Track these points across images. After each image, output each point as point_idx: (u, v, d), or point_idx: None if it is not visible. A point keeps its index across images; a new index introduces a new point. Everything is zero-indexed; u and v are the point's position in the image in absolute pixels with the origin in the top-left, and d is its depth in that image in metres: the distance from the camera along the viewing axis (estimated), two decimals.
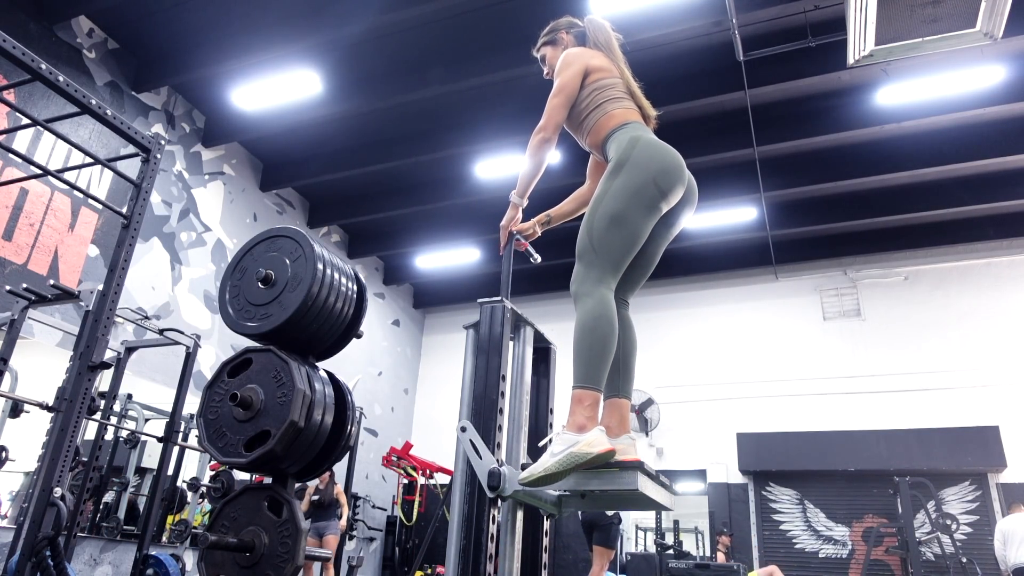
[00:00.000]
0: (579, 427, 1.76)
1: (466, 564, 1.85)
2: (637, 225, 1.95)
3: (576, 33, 2.46)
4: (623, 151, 2.02)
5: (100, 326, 2.48)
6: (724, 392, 9.38)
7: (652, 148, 2.02)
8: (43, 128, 2.50)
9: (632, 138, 2.05)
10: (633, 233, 1.95)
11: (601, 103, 2.20)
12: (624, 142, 2.05)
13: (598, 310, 1.86)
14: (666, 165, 2.00)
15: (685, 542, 8.79)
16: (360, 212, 8.85)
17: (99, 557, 5.77)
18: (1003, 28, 3.50)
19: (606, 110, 2.19)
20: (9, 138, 5.28)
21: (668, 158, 2.02)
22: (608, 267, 1.92)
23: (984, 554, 7.69)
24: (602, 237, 1.93)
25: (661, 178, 1.97)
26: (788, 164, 7.60)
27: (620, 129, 2.13)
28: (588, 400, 1.80)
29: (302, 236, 2.12)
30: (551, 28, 2.50)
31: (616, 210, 1.94)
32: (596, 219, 1.96)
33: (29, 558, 2.25)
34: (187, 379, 4.82)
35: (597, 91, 2.21)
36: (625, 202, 1.94)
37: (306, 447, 1.99)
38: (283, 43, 5.95)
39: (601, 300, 1.88)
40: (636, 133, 2.07)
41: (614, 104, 2.19)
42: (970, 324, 8.67)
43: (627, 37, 6.41)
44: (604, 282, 1.91)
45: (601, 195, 1.99)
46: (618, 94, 2.23)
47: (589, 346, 1.83)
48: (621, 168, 1.99)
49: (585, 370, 1.82)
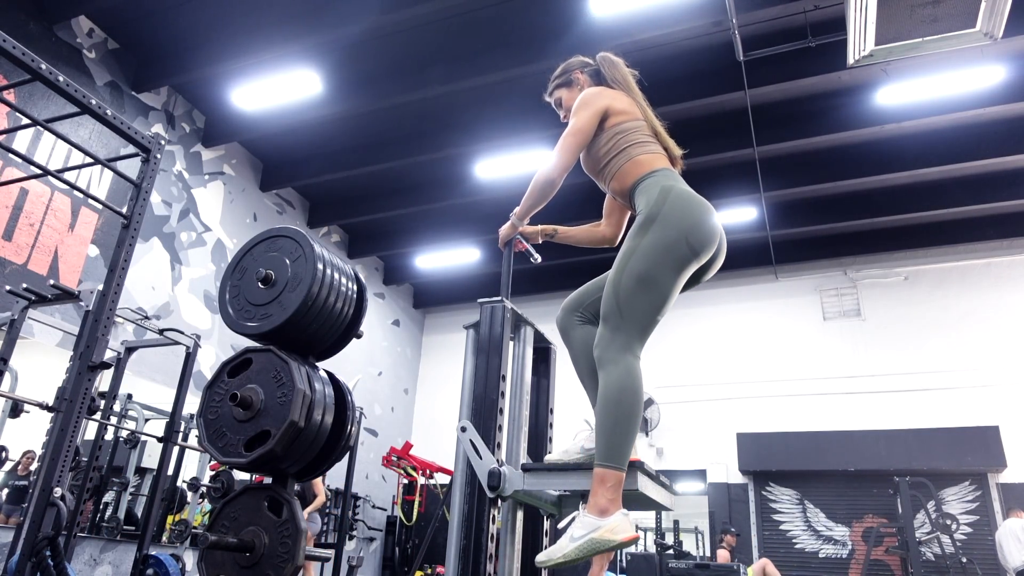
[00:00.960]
0: (601, 510, 1.65)
1: (466, 564, 1.85)
2: (667, 287, 1.84)
3: (590, 72, 2.34)
4: (653, 204, 1.91)
5: (100, 326, 2.48)
6: (724, 392, 9.37)
7: (683, 202, 1.91)
8: (43, 128, 2.50)
9: (663, 189, 1.94)
10: (662, 295, 1.84)
11: (625, 147, 2.08)
12: (654, 194, 1.93)
13: (624, 381, 1.75)
14: (698, 220, 1.89)
15: (685, 542, 8.78)
16: (360, 212, 8.85)
17: (99, 557, 5.77)
18: (1003, 28, 3.50)
19: (631, 155, 2.07)
20: (9, 138, 5.28)
21: (700, 212, 1.90)
22: (635, 332, 1.82)
23: (984, 554, 7.69)
24: (629, 300, 1.82)
25: (693, 235, 1.86)
26: (788, 164, 7.60)
27: (649, 177, 2.02)
28: (611, 480, 1.68)
29: (302, 236, 2.12)
30: (563, 70, 2.38)
31: (645, 271, 1.83)
32: (624, 279, 1.84)
33: (29, 558, 2.25)
34: (187, 379, 4.82)
35: (620, 135, 2.10)
36: (654, 262, 1.83)
37: (306, 447, 1.99)
38: (283, 43, 5.95)
39: (627, 371, 1.77)
40: (667, 183, 1.96)
41: (640, 148, 2.08)
42: (970, 324, 8.67)
43: (627, 37, 6.40)
44: (630, 349, 1.80)
45: (629, 253, 1.87)
46: (643, 137, 2.11)
47: (615, 422, 1.72)
48: (651, 224, 1.88)
49: (608, 448, 1.71)
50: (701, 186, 2.21)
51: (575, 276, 9.60)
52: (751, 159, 7.27)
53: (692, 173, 2.21)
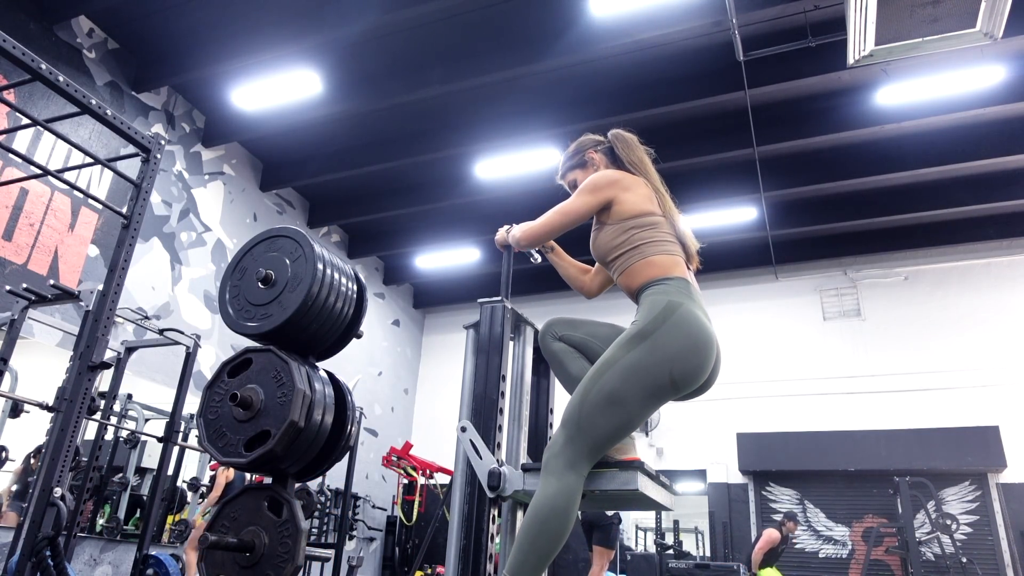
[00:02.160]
0: None
1: (466, 564, 1.85)
2: (634, 412, 1.74)
3: (604, 151, 2.21)
4: (652, 320, 1.78)
5: (100, 326, 2.48)
6: (724, 392, 9.33)
7: (684, 326, 1.77)
8: (43, 128, 2.50)
9: (669, 305, 1.79)
10: (627, 419, 1.73)
11: (640, 245, 1.94)
12: (658, 309, 1.79)
13: (556, 501, 1.66)
14: (690, 349, 1.75)
15: (685, 542, 8.78)
16: (360, 212, 8.85)
17: (99, 557, 5.77)
18: (1003, 28, 3.50)
19: (646, 254, 1.93)
20: (9, 138, 5.28)
21: (694, 344, 1.76)
22: (586, 449, 1.72)
23: (984, 554, 7.69)
24: (592, 413, 1.72)
25: (679, 368, 1.73)
26: (788, 164, 7.60)
27: (660, 284, 1.87)
28: None
29: (302, 236, 2.12)
30: (575, 150, 2.25)
31: (617, 390, 1.72)
32: (594, 392, 1.74)
33: (29, 558, 2.25)
34: (187, 379, 4.82)
35: (636, 229, 1.95)
36: (629, 384, 1.72)
37: (306, 447, 1.99)
38: (283, 43, 5.95)
39: (565, 490, 1.68)
40: (676, 298, 1.81)
41: (656, 248, 1.93)
42: (970, 324, 8.67)
43: (627, 37, 6.40)
44: (576, 467, 1.71)
45: (608, 364, 1.77)
46: (661, 236, 1.96)
47: (533, 539, 1.65)
48: (641, 341, 1.76)
49: (521, 564, 1.64)
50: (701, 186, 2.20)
51: None
52: (751, 159, 7.27)
53: (692, 173, 2.21)
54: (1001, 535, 7.77)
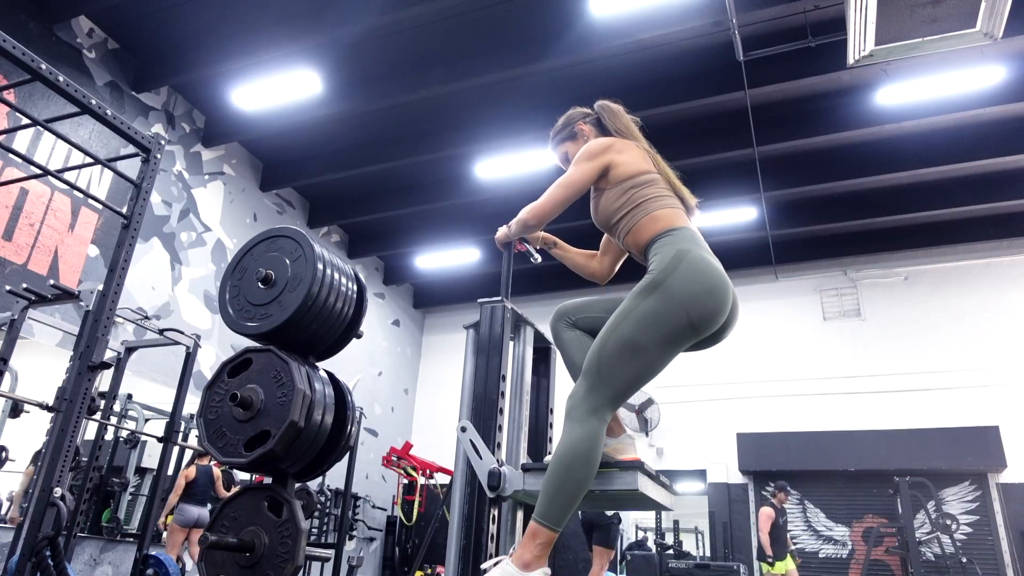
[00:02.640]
0: (524, 564, 1.64)
1: (466, 564, 1.85)
2: (653, 358, 1.76)
3: (592, 122, 2.24)
4: (664, 268, 1.79)
5: (100, 326, 2.48)
6: (724, 392, 9.37)
7: (695, 270, 1.78)
8: (43, 128, 2.50)
9: (678, 253, 1.82)
10: (647, 366, 1.76)
11: (641, 202, 1.97)
12: (668, 256, 1.82)
13: (581, 446, 1.70)
14: (705, 291, 1.76)
15: (685, 542, 8.79)
16: (360, 212, 8.85)
17: (99, 557, 5.77)
18: (1003, 28, 3.50)
19: (648, 211, 1.96)
20: (9, 138, 5.28)
21: (710, 283, 1.77)
22: (608, 397, 1.76)
23: (984, 554, 7.69)
24: (612, 362, 1.75)
25: (695, 308, 1.74)
26: (788, 164, 7.60)
27: (666, 236, 1.90)
28: (542, 538, 1.66)
29: (302, 236, 2.12)
30: (564, 123, 2.28)
31: (634, 337, 1.74)
32: (612, 340, 1.76)
33: (29, 558, 2.25)
34: (187, 379, 4.82)
35: (635, 188, 1.99)
36: (646, 331, 1.74)
37: (306, 447, 1.99)
38: (283, 43, 5.95)
39: (588, 435, 1.72)
40: (684, 246, 1.84)
41: (657, 204, 1.97)
42: (970, 324, 8.67)
43: (627, 37, 6.40)
44: (598, 413, 1.74)
45: (625, 313, 1.78)
46: (660, 191, 2.00)
47: (560, 484, 1.69)
48: (655, 289, 1.77)
49: (549, 506, 1.67)
50: (701, 186, 2.20)
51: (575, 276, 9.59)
52: (751, 159, 7.27)
53: (692, 173, 2.20)
54: (1001, 535, 7.77)
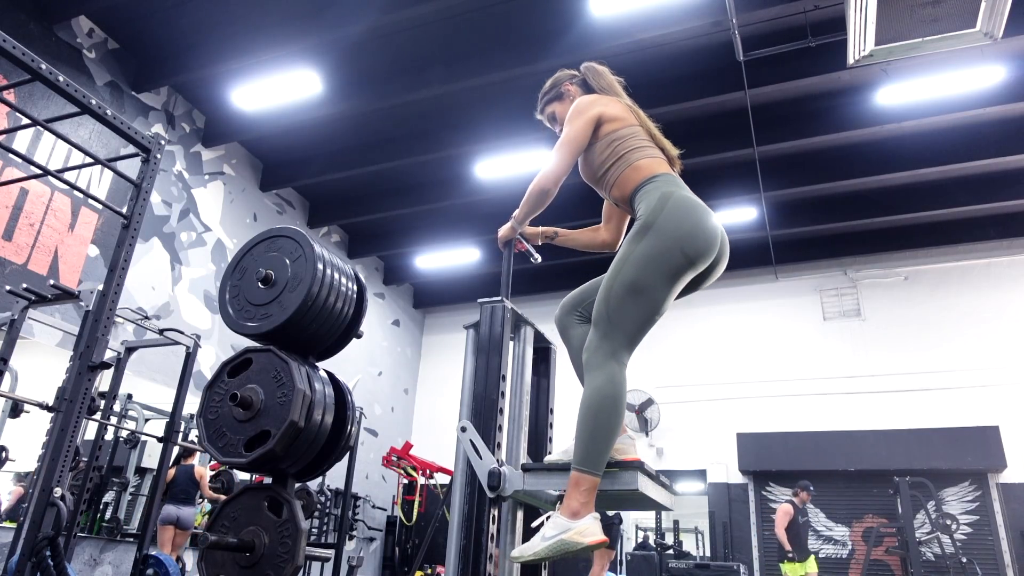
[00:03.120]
0: (573, 513, 1.69)
1: (466, 564, 1.85)
2: (658, 296, 1.83)
3: (578, 83, 2.35)
4: (652, 211, 1.89)
5: (100, 326, 2.48)
6: (724, 392, 9.37)
7: (682, 209, 1.88)
8: (43, 128, 2.50)
9: (663, 195, 1.91)
10: (654, 304, 1.83)
11: (624, 153, 2.06)
12: (654, 200, 1.91)
13: (606, 389, 1.77)
14: (695, 228, 1.86)
15: (685, 542, 8.78)
16: (360, 212, 8.85)
17: (99, 557, 5.77)
18: (1003, 28, 3.50)
19: (630, 161, 2.05)
20: (9, 138, 5.28)
21: (698, 219, 1.88)
22: (622, 340, 1.82)
23: (984, 554, 7.69)
24: (619, 307, 1.82)
25: (689, 244, 1.84)
26: (788, 164, 7.60)
27: (649, 183, 1.99)
28: (585, 484, 1.71)
29: (302, 236, 2.12)
30: (551, 84, 2.39)
31: (636, 279, 1.82)
32: (616, 286, 1.84)
33: (29, 558, 2.25)
34: (187, 379, 4.82)
35: (618, 141, 2.08)
36: (646, 270, 1.82)
37: (306, 447, 1.99)
38: (283, 43, 5.95)
39: (610, 378, 1.78)
40: (667, 189, 1.94)
41: (638, 154, 2.06)
42: (970, 324, 8.67)
43: (627, 37, 6.39)
44: (616, 357, 1.81)
45: (623, 260, 1.87)
46: (640, 142, 2.09)
47: (593, 428, 1.74)
48: (647, 232, 1.86)
49: (585, 452, 1.73)
50: (701, 186, 2.21)
51: (575, 276, 9.60)
52: (751, 159, 7.27)
53: (692, 173, 2.21)
54: (1001, 535, 7.77)
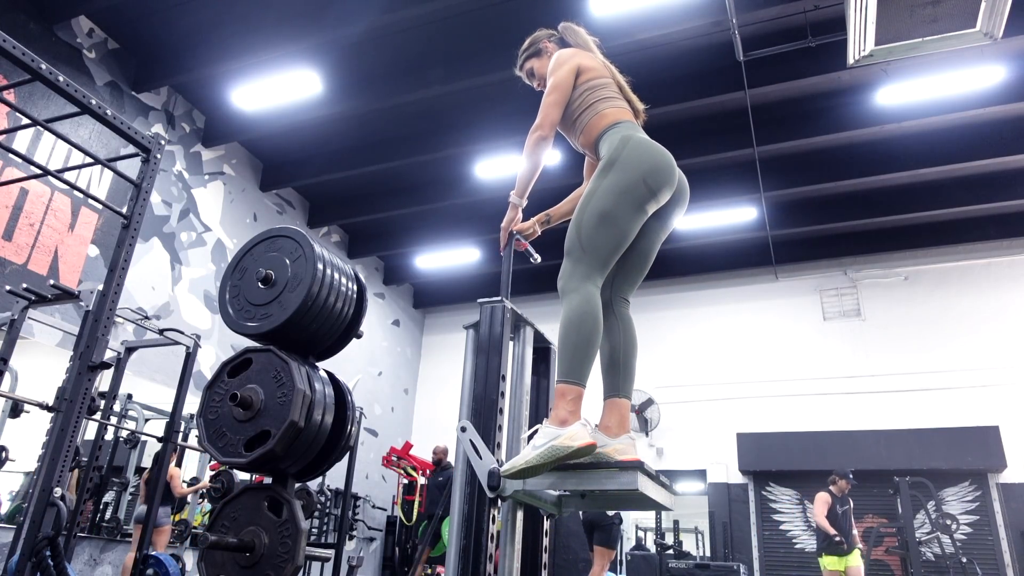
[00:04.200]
0: (561, 421, 1.79)
1: (466, 564, 1.85)
2: (625, 223, 1.98)
3: (556, 40, 2.53)
4: (614, 150, 2.05)
5: (100, 326, 2.48)
6: (724, 392, 9.37)
7: (642, 148, 2.05)
8: (43, 128, 2.50)
9: (624, 137, 2.07)
10: (622, 231, 1.97)
11: (593, 103, 2.22)
12: (616, 141, 2.08)
13: (584, 307, 1.89)
14: (656, 164, 2.02)
15: (685, 542, 8.78)
16: (360, 212, 8.85)
17: (99, 557, 5.77)
18: (1003, 28, 3.50)
19: (598, 110, 2.20)
20: (9, 138, 5.28)
21: (658, 157, 2.04)
22: (595, 264, 1.95)
23: (984, 554, 7.69)
24: (590, 235, 1.95)
25: (651, 177, 2.00)
26: (788, 164, 7.60)
27: (612, 128, 2.15)
28: (571, 394, 1.82)
29: (302, 236, 2.12)
30: (530, 42, 2.58)
31: (605, 208, 1.96)
32: (585, 217, 1.98)
33: (29, 558, 2.25)
34: (187, 379, 4.82)
35: (588, 91, 2.23)
36: (614, 200, 1.97)
37: (306, 447, 1.99)
38: (283, 43, 5.95)
39: (587, 297, 1.90)
40: (627, 132, 2.10)
41: (606, 104, 2.21)
42: (970, 324, 8.67)
43: (627, 37, 6.40)
44: (591, 279, 1.94)
45: (591, 193, 2.01)
46: (609, 93, 2.24)
47: (574, 343, 1.85)
48: (611, 167, 2.02)
49: (569, 365, 1.85)
50: (701, 186, 2.22)
51: None
52: (751, 159, 7.27)
53: (692, 173, 2.22)
54: (1001, 535, 7.77)
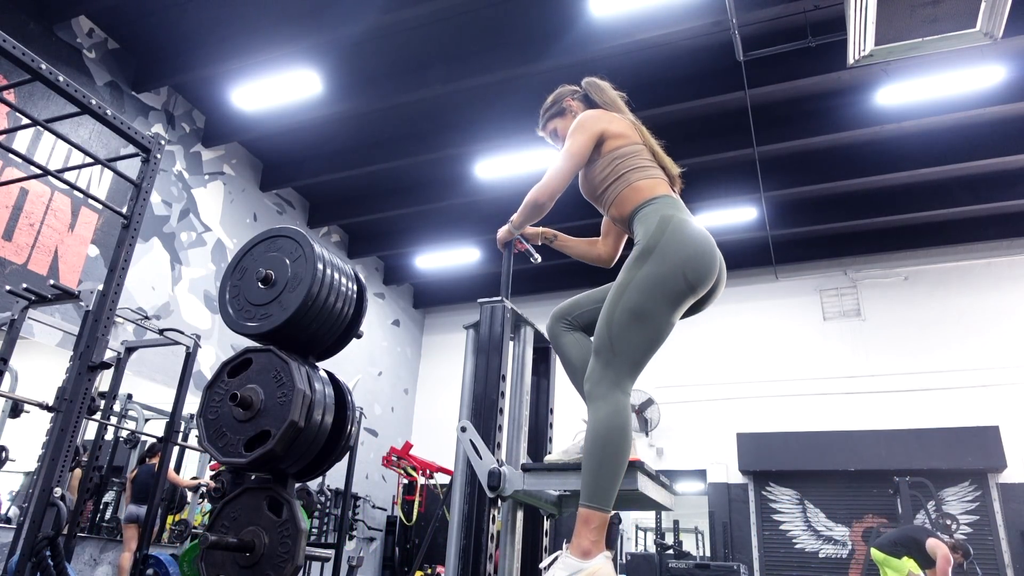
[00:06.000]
0: (584, 552, 1.62)
1: (466, 564, 1.85)
2: (661, 322, 1.80)
3: (580, 98, 2.31)
4: (652, 235, 1.86)
5: (100, 326, 2.48)
6: (724, 392, 9.37)
7: (682, 233, 1.85)
8: (43, 128, 2.50)
9: (662, 219, 1.88)
10: (656, 330, 1.80)
11: (624, 173, 2.03)
12: (653, 224, 1.88)
13: (612, 420, 1.72)
14: (696, 252, 1.84)
15: (685, 542, 8.78)
16: (360, 212, 8.85)
17: (99, 557, 5.77)
18: (1003, 28, 3.50)
19: (630, 181, 2.02)
20: (9, 138, 5.28)
21: (699, 244, 1.85)
22: (626, 368, 1.78)
23: (984, 554, 7.68)
24: (622, 334, 1.78)
25: (690, 269, 1.81)
26: (788, 164, 7.60)
27: (648, 205, 1.97)
28: (596, 522, 1.65)
29: (302, 236, 2.12)
30: (553, 100, 2.35)
31: (639, 305, 1.78)
32: (617, 313, 1.80)
33: (29, 558, 2.25)
34: (187, 379, 4.82)
35: (619, 160, 2.05)
36: (649, 296, 1.79)
37: (306, 447, 1.99)
38: (283, 43, 5.95)
39: (616, 409, 1.73)
40: (667, 212, 1.91)
41: (639, 174, 2.03)
42: (970, 324, 8.67)
43: (627, 37, 6.40)
44: (620, 386, 1.77)
45: (624, 285, 1.83)
46: (642, 162, 2.05)
47: (600, 462, 1.68)
48: (648, 256, 1.83)
49: (594, 488, 1.67)
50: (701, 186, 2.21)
51: (575, 276, 9.61)
52: (751, 159, 7.26)
53: (692, 173, 2.21)
54: (1001, 535, 7.77)
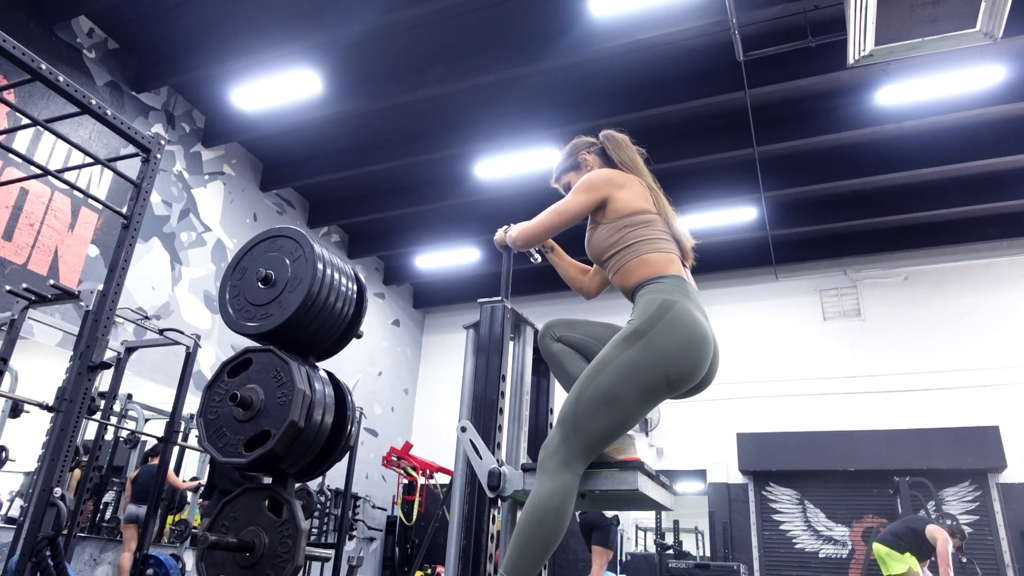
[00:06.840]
0: None
1: (466, 564, 1.85)
2: (629, 413, 1.73)
3: (596, 151, 2.22)
4: (647, 319, 1.78)
5: (100, 326, 2.48)
6: (724, 392, 9.34)
7: (677, 326, 1.76)
8: (43, 128, 2.50)
9: (663, 304, 1.79)
10: (623, 418, 1.73)
11: (633, 243, 1.94)
12: (653, 307, 1.79)
13: (552, 500, 1.67)
14: (686, 347, 1.74)
15: (685, 542, 8.78)
16: (360, 212, 8.85)
17: (99, 557, 5.77)
18: (1003, 28, 3.50)
19: (639, 252, 1.93)
20: (9, 138, 5.28)
21: (692, 339, 1.75)
22: (581, 449, 1.72)
23: (984, 554, 7.68)
24: (588, 413, 1.72)
25: (674, 367, 1.72)
26: (788, 164, 7.60)
27: (653, 283, 1.88)
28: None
29: (302, 236, 2.12)
30: (569, 152, 2.27)
31: (611, 390, 1.72)
32: (588, 391, 1.74)
33: (29, 558, 2.25)
34: (187, 379, 4.82)
35: (630, 228, 1.96)
36: (623, 383, 1.72)
37: (306, 447, 1.99)
38: (283, 43, 5.95)
39: (559, 489, 1.68)
40: (670, 297, 1.81)
41: (649, 247, 1.93)
42: (970, 324, 8.67)
43: (627, 37, 6.40)
44: (571, 466, 1.71)
45: (603, 363, 1.76)
46: (655, 233, 1.96)
47: (530, 539, 1.65)
48: (636, 340, 1.75)
49: (517, 562, 1.64)
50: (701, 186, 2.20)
51: None
52: (751, 159, 7.26)
53: (692, 173, 2.20)
54: (1001, 535, 7.77)
